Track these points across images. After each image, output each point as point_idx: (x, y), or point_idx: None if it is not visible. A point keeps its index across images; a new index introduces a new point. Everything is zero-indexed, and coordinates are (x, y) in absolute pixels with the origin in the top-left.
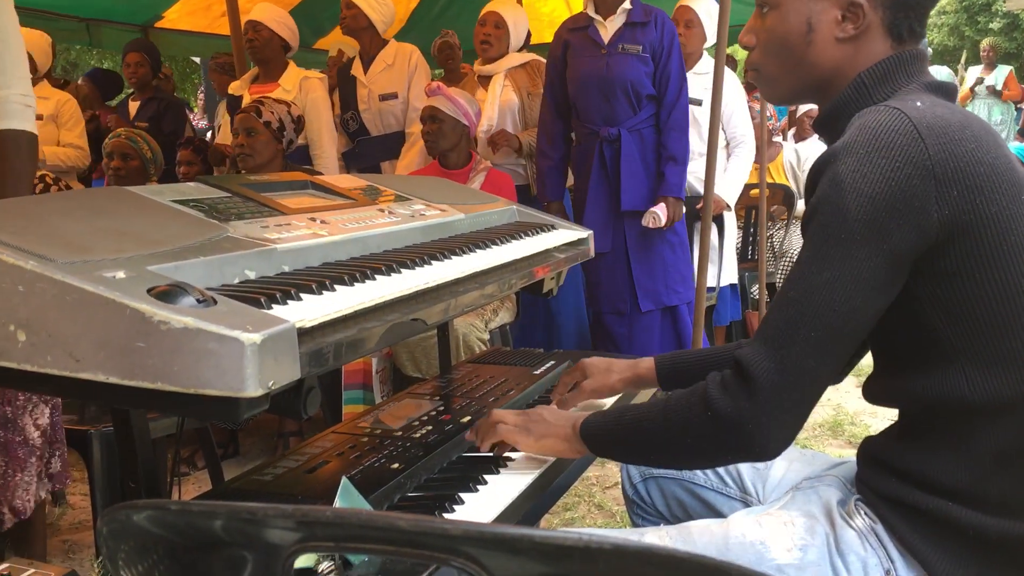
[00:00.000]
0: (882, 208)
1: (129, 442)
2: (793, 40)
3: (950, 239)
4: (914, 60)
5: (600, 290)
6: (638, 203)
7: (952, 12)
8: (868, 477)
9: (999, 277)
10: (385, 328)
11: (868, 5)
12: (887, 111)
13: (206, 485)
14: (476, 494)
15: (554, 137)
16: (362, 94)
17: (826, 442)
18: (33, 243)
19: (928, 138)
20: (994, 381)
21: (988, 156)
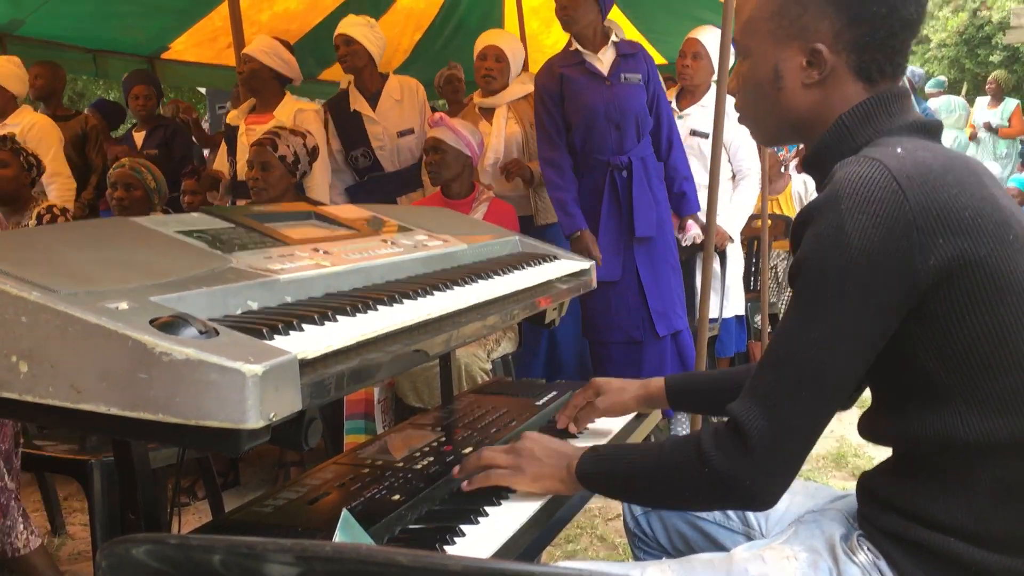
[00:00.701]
0: (865, 265)
1: (129, 473)
2: (765, 87)
3: (938, 285)
4: (894, 100)
5: (609, 319)
6: (650, 228)
7: (952, 45)
8: (868, 512)
9: (989, 319)
10: (387, 359)
11: (828, 51)
12: (867, 163)
13: (206, 515)
14: (477, 526)
15: (564, 170)
16: (374, 131)
17: (829, 474)
18: (36, 274)
19: (908, 189)
20: (989, 422)
21: (972, 199)
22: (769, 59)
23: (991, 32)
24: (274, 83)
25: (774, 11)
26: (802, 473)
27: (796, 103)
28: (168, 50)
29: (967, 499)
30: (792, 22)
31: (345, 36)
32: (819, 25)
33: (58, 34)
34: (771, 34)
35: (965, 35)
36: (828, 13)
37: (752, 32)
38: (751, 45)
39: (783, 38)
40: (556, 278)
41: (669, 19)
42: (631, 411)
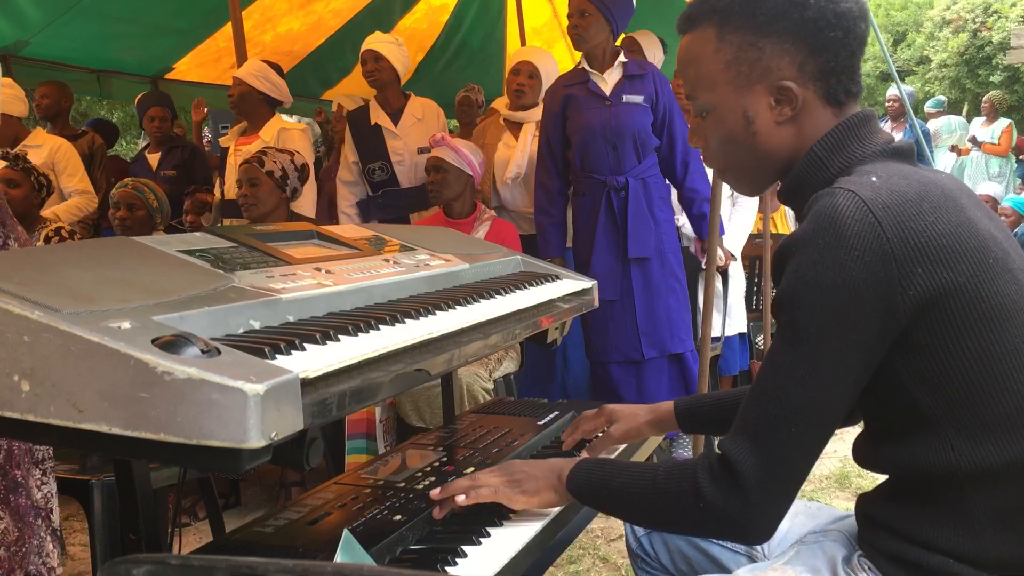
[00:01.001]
0: (845, 300)
1: (130, 493)
2: (738, 137)
3: (920, 315)
4: (862, 124)
5: (607, 339)
6: (645, 250)
7: (953, 65)
8: (868, 535)
9: (973, 346)
10: (389, 378)
11: (796, 86)
12: (842, 195)
13: (207, 536)
14: (479, 547)
15: (554, 195)
16: (395, 146)
17: (833, 495)
18: (39, 293)
19: (884, 220)
20: (980, 448)
21: (949, 225)
22: (735, 108)
23: (992, 53)
24: (263, 105)
25: (729, 60)
26: (805, 493)
27: (774, 143)
28: (172, 70)
29: (963, 524)
30: (751, 66)
31: (374, 52)
32: (780, 62)
33: (62, 55)
34: (731, 83)
35: (966, 55)
36: (787, 49)
37: (709, 87)
38: (711, 100)
39: (745, 84)
40: (558, 297)
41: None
42: (644, 436)
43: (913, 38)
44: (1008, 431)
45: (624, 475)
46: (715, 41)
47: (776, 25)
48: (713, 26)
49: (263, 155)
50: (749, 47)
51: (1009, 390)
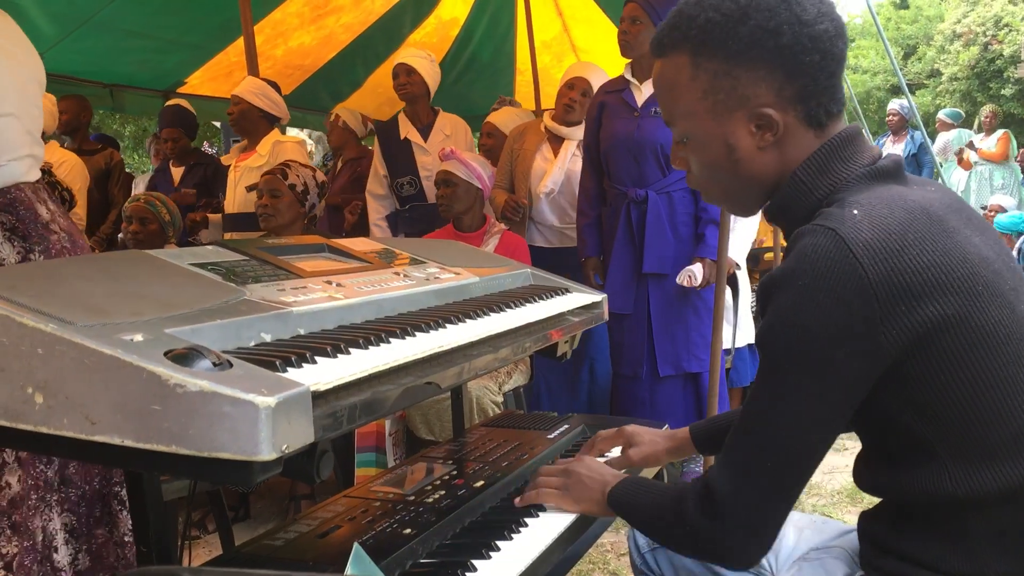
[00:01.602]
0: (826, 341)
1: (141, 506)
2: (721, 164)
3: (908, 350)
4: (846, 144)
5: (621, 352)
6: (661, 266)
7: (964, 79)
8: (868, 554)
9: (966, 374)
10: (399, 391)
11: (775, 112)
12: (823, 234)
13: (217, 549)
14: (489, 561)
15: (591, 196)
16: (424, 161)
17: (844, 509)
18: (53, 306)
19: (864, 259)
20: (977, 475)
21: (935, 255)
22: (716, 136)
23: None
24: (262, 122)
25: (705, 90)
26: (816, 508)
27: (757, 168)
28: (184, 84)
29: (963, 547)
30: (728, 95)
31: (407, 66)
32: (757, 90)
33: (75, 69)
34: (709, 112)
35: (977, 68)
36: (763, 76)
37: (687, 115)
38: (690, 128)
39: (724, 112)
40: (568, 311)
41: None
42: (663, 463)
43: (924, 51)
44: (1004, 458)
45: (652, 492)
46: (690, 69)
47: (750, 54)
48: (687, 54)
49: (287, 168)
50: (724, 76)
51: (1004, 417)
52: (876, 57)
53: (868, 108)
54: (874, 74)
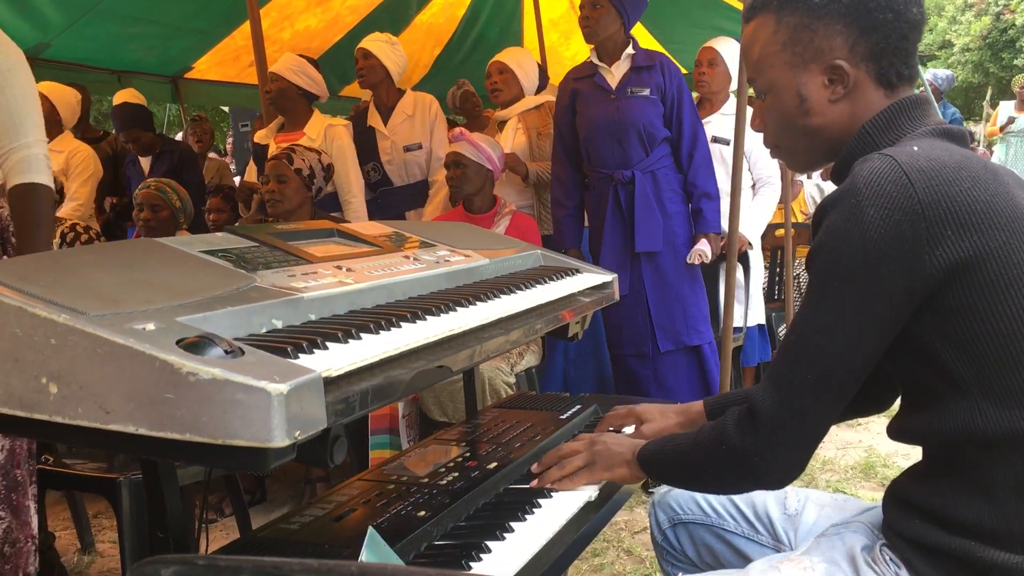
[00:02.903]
0: (873, 253)
1: (157, 492)
2: (792, 114)
3: (950, 277)
4: (915, 106)
5: (621, 333)
6: (653, 244)
7: (976, 49)
8: (893, 519)
9: (1004, 311)
10: (411, 376)
11: (848, 65)
12: (880, 159)
13: (234, 532)
14: (503, 542)
15: (568, 186)
16: (383, 145)
17: (858, 484)
18: (65, 296)
19: (918, 182)
20: (1008, 414)
21: (985, 194)
22: (791, 87)
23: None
24: (302, 100)
25: (785, 41)
26: (830, 484)
27: (825, 121)
28: (191, 69)
29: (988, 496)
30: (805, 47)
31: (364, 50)
32: (832, 43)
33: (83, 56)
34: (787, 63)
35: (989, 39)
36: (839, 30)
37: (767, 67)
38: (770, 79)
39: (800, 64)
40: (578, 291)
41: (688, 30)
42: None
43: (935, 22)
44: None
45: (678, 438)
46: (774, 24)
47: (829, 8)
48: (772, 12)
49: (292, 152)
50: (803, 29)
51: None
52: None
53: None
54: None
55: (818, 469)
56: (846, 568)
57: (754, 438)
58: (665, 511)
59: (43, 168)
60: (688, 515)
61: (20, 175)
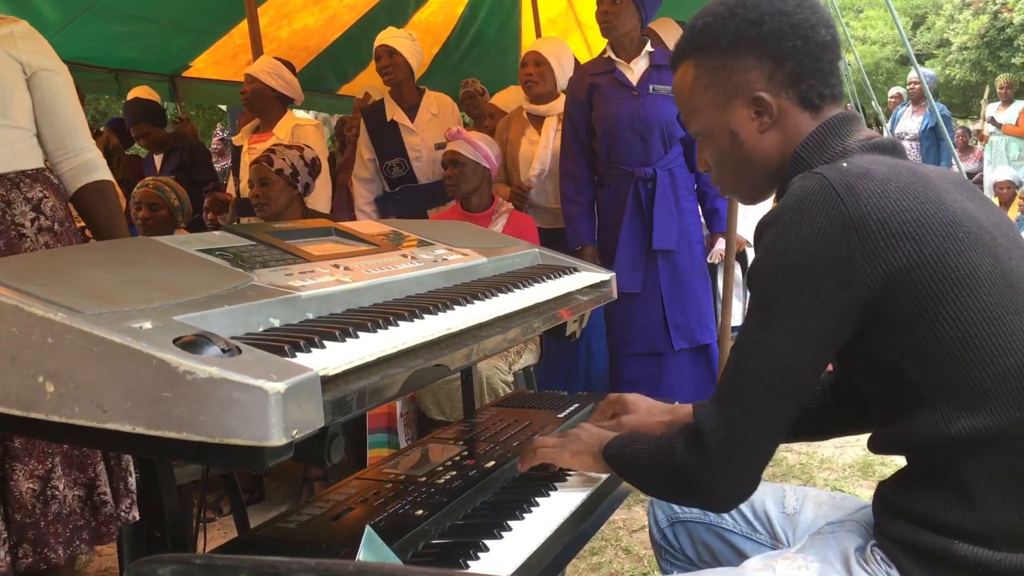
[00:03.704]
0: (808, 269)
1: (155, 491)
2: (728, 151)
3: (888, 288)
4: (842, 123)
5: (632, 331)
6: (669, 241)
7: (973, 48)
8: (881, 522)
9: (947, 315)
10: (408, 374)
11: (769, 95)
12: (811, 177)
13: (232, 531)
14: (501, 541)
15: (581, 183)
16: (412, 142)
17: (856, 483)
18: (62, 295)
19: (846, 196)
20: (969, 417)
21: (914, 202)
22: (721, 125)
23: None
24: (276, 103)
25: (707, 84)
26: (828, 483)
27: (761, 152)
28: (189, 68)
29: (967, 498)
30: (726, 85)
31: (388, 47)
32: (749, 77)
33: (81, 55)
34: (713, 104)
35: (986, 37)
36: (752, 64)
37: (697, 111)
38: (701, 121)
39: (724, 102)
40: (576, 290)
41: None
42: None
43: (933, 21)
44: (992, 397)
45: (641, 440)
46: (694, 70)
47: (738, 45)
48: (691, 58)
49: (271, 153)
50: (720, 69)
51: (990, 357)
52: (885, 27)
53: (877, 79)
54: (883, 44)
55: (816, 468)
56: (839, 568)
57: (700, 458)
58: (664, 509)
59: (103, 167)
60: (686, 514)
61: (86, 176)
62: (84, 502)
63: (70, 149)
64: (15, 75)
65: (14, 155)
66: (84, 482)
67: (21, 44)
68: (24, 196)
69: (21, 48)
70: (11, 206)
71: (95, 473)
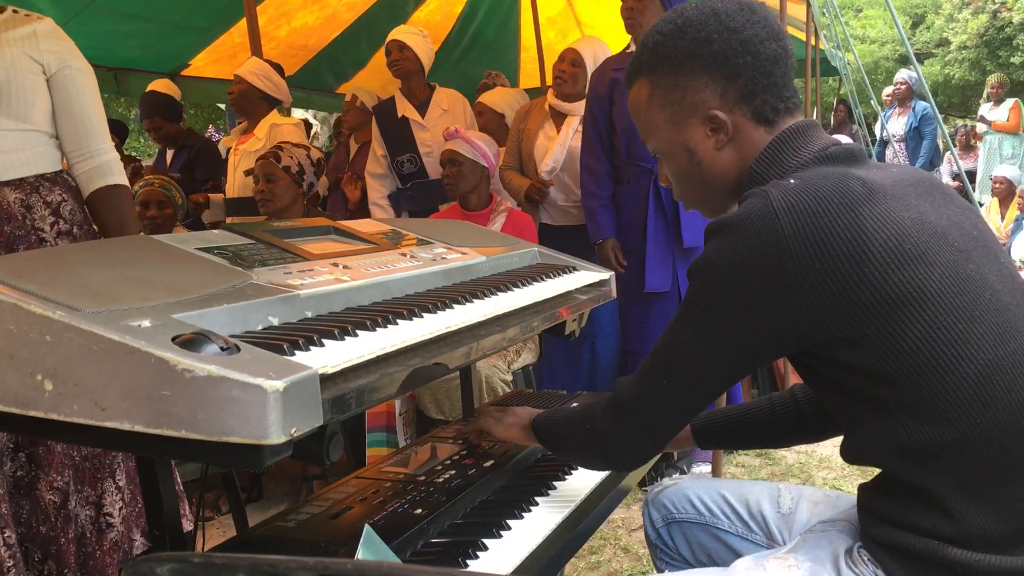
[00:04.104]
0: (738, 285)
1: (154, 490)
2: (686, 168)
3: (830, 310)
4: (797, 135)
5: (648, 329)
6: (698, 239)
7: (973, 47)
8: (865, 524)
9: (895, 331)
10: (407, 373)
11: (722, 113)
12: (756, 196)
13: (230, 530)
14: (500, 540)
15: (601, 177)
16: (423, 138)
17: (854, 482)
18: (60, 293)
19: (784, 216)
20: (929, 427)
21: (856, 220)
22: (678, 143)
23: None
24: (263, 104)
25: (662, 103)
26: (827, 481)
27: (718, 168)
28: (188, 67)
29: (939, 504)
30: (680, 104)
31: (399, 42)
32: (703, 95)
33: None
34: (669, 122)
35: (986, 37)
36: (705, 82)
37: (654, 129)
38: (659, 140)
39: (680, 121)
40: (575, 289)
41: None
42: None
43: (932, 20)
44: (950, 406)
45: (566, 410)
46: (648, 88)
47: (690, 64)
48: (645, 76)
49: (279, 150)
50: (674, 88)
51: (944, 368)
52: (884, 27)
53: (876, 78)
54: (882, 44)
55: (815, 467)
56: (829, 567)
57: (612, 423)
58: (659, 510)
59: (119, 170)
60: (682, 514)
61: (100, 179)
62: (94, 523)
63: (87, 151)
64: (36, 77)
65: (35, 158)
66: (93, 500)
67: (44, 44)
68: (44, 200)
69: (43, 48)
70: (31, 210)
71: (102, 489)
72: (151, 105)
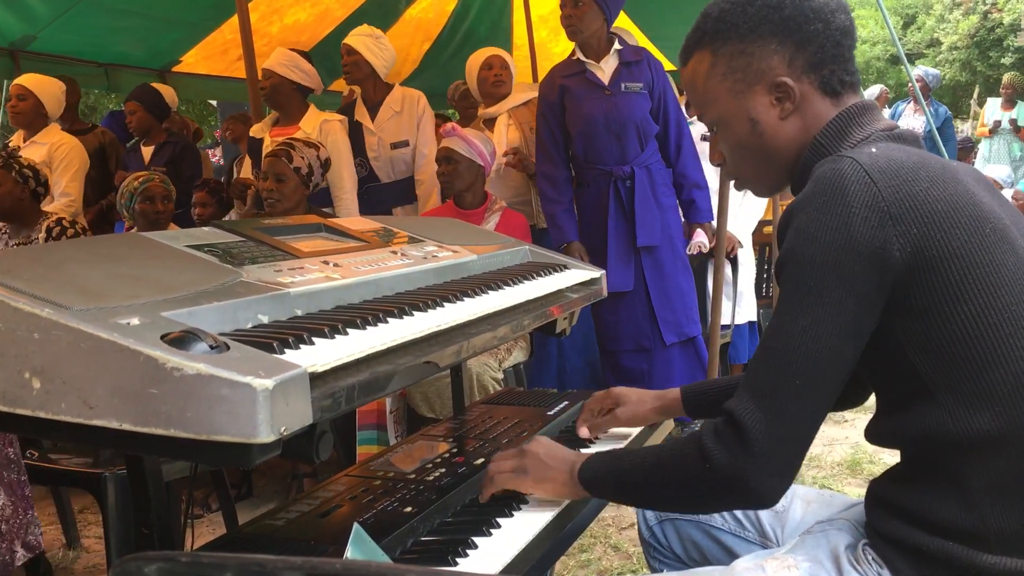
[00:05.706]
0: (844, 253)
1: (142, 488)
2: (747, 139)
3: (915, 275)
4: (864, 112)
5: (620, 329)
6: (652, 237)
7: (963, 48)
8: (874, 519)
9: (968, 311)
10: (398, 371)
11: (791, 80)
12: (840, 160)
13: (220, 527)
14: (489, 538)
15: (559, 183)
16: (371, 141)
17: (844, 481)
18: (49, 290)
19: (880, 181)
20: (976, 416)
21: (945, 193)
22: (740, 113)
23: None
24: (296, 95)
25: (724, 72)
26: (816, 480)
27: (781, 139)
28: (179, 63)
29: (964, 497)
30: (745, 72)
31: (347, 46)
32: (771, 62)
33: (70, 49)
34: (731, 92)
35: (976, 37)
36: (774, 48)
37: (713, 101)
38: (718, 111)
39: (744, 89)
40: (566, 287)
41: (678, 25)
42: (650, 422)
43: (923, 20)
44: (1003, 399)
45: (633, 456)
46: (710, 58)
47: (759, 30)
48: (706, 47)
49: (291, 149)
50: (739, 55)
51: (1005, 358)
52: (875, 27)
53: (867, 78)
54: (873, 44)
55: (805, 466)
56: (829, 567)
57: (745, 456)
58: None
59: None
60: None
61: None
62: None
63: None
64: None
65: None
66: None
67: None
68: None
69: None
70: None
71: None
72: (141, 92)
